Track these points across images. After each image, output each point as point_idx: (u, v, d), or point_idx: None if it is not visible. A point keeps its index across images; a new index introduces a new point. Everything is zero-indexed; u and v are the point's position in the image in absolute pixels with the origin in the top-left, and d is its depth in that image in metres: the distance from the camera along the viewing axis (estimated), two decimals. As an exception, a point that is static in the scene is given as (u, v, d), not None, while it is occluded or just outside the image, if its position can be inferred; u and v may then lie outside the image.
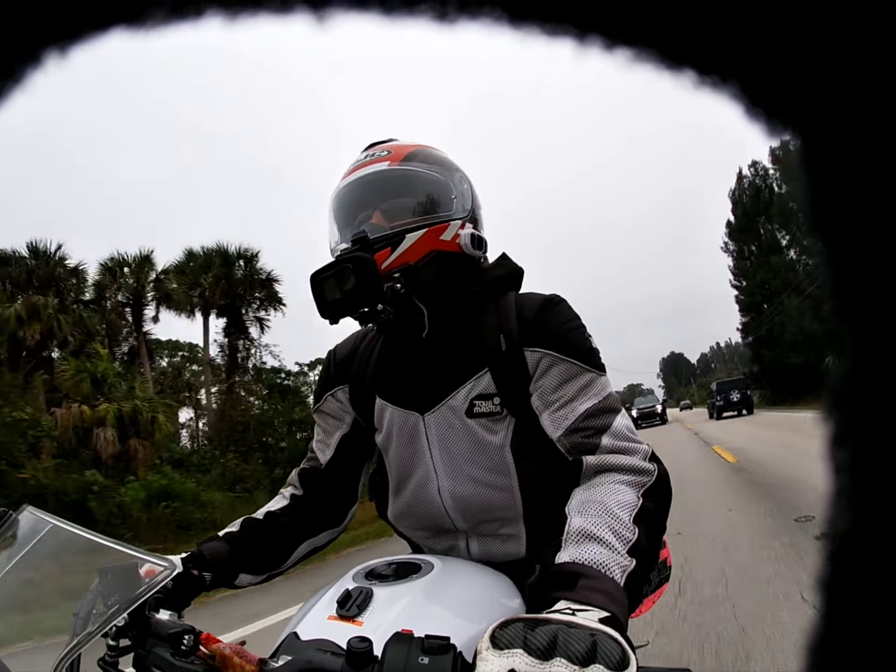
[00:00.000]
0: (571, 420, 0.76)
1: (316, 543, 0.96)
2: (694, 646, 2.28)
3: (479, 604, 0.73)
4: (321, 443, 0.98)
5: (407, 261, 0.80)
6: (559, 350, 0.79)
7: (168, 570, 0.64)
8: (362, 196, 0.87)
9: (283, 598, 3.45)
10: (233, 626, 3.41)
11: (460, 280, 0.87)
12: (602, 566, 0.58)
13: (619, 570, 0.58)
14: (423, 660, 0.48)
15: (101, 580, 0.64)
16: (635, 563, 0.60)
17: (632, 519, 0.64)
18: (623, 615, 0.54)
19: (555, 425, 0.77)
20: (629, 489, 0.69)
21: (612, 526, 0.63)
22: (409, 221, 0.83)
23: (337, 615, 0.65)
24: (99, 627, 0.59)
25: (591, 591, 0.54)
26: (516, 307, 0.83)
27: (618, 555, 0.60)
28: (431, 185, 0.87)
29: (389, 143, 0.92)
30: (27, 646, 0.72)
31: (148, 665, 0.60)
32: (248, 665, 0.55)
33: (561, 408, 0.78)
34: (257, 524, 0.90)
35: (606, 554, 0.59)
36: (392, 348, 0.91)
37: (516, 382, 0.81)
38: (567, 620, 0.47)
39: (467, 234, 0.85)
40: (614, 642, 0.45)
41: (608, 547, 0.60)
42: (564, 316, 0.82)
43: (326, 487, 0.95)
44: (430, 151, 0.91)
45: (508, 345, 0.81)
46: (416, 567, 0.74)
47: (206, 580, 0.82)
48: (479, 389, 0.82)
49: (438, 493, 0.85)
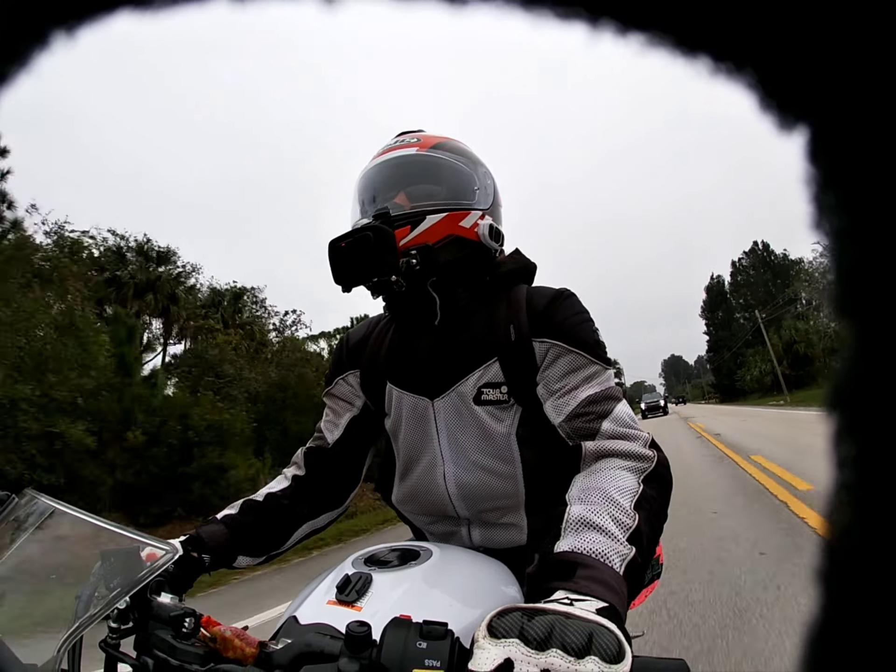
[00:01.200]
0: (573, 406, 0.77)
1: (315, 525, 0.97)
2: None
3: (477, 591, 0.73)
4: (330, 423, 0.99)
5: (425, 241, 0.83)
6: (566, 341, 0.80)
7: (170, 553, 0.64)
8: (389, 177, 0.90)
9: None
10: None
11: (475, 268, 0.89)
12: (601, 555, 0.58)
13: (618, 559, 0.58)
14: (420, 644, 0.49)
15: (103, 563, 0.64)
16: (635, 551, 0.60)
17: (632, 505, 0.65)
18: (621, 605, 0.54)
19: (557, 411, 0.78)
20: (630, 475, 0.69)
21: (612, 513, 0.63)
22: (431, 204, 0.86)
23: (336, 600, 0.65)
24: (101, 610, 0.60)
25: (589, 580, 0.55)
26: (527, 299, 0.85)
27: (617, 543, 0.60)
28: (456, 173, 0.90)
29: (419, 132, 0.95)
30: (30, 629, 0.73)
31: (149, 647, 0.60)
32: (249, 647, 0.56)
33: (564, 395, 0.79)
34: (257, 506, 0.91)
35: (606, 543, 0.59)
36: (404, 335, 0.93)
37: (524, 372, 0.82)
38: (564, 611, 0.47)
39: (486, 225, 0.88)
40: (611, 634, 0.45)
41: (608, 535, 0.60)
42: (573, 309, 0.84)
43: (331, 467, 0.96)
44: (458, 144, 0.94)
45: (518, 335, 0.83)
46: (416, 554, 0.75)
47: (206, 562, 0.83)
48: (488, 378, 0.84)
49: (444, 479, 0.87)
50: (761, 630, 2.33)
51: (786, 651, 2.07)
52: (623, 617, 0.53)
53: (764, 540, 3.55)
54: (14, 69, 0.16)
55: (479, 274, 0.90)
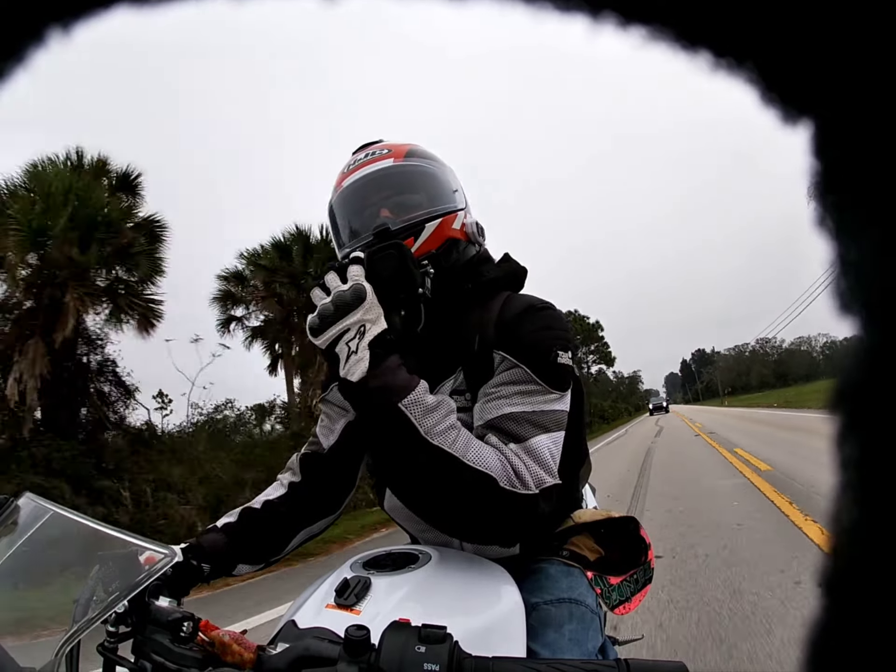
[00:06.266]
0: (492, 416, 0.74)
1: (313, 531, 0.97)
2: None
3: (476, 594, 0.73)
4: (325, 428, 0.98)
5: (429, 249, 0.84)
6: (516, 355, 0.77)
7: (168, 557, 0.64)
8: (370, 193, 0.88)
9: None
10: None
11: (463, 270, 0.88)
12: (416, 394, 0.69)
13: (415, 403, 0.69)
14: (419, 648, 0.48)
15: (102, 567, 0.64)
16: (422, 433, 0.68)
17: (464, 456, 0.68)
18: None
19: (478, 415, 0.77)
20: (496, 462, 0.68)
21: (454, 427, 0.71)
22: (423, 213, 0.86)
23: (335, 604, 0.65)
24: (99, 614, 0.60)
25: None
26: (501, 309, 0.83)
27: (431, 415, 0.70)
28: (436, 178, 0.90)
29: (382, 143, 0.93)
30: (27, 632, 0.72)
31: (147, 651, 0.60)
32: (247, 652, 0.55)
33: (490, 401, 0.76)
34: (256, 515, 0.91)
35: (432, 406, 0.70)
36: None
37: (482, 382, 0.80)
38: None
39: (472, 223, 0.90)
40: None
41: (436, 411, 0.70)
42: (539, 324, 0.79)
43: (326, 473, 0.96)
44: (424, 148, 0.94)
45: (480, 345, 0.81)
46: (414, 557, 0.74)
47: (205, 571, 0.82)
48: (456, 385, 0.83)
49: None
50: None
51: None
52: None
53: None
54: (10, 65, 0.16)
55: (463, 280, 0.88)
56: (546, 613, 0.79)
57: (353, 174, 0.88)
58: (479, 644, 0.56)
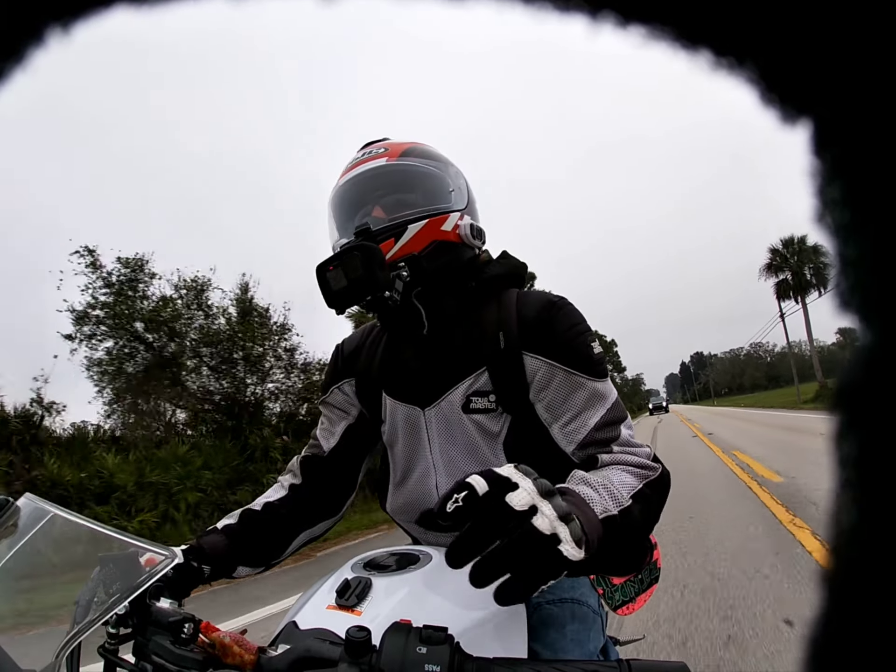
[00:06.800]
0: (583, 434, 0.76)
1: (313, 534, 0.97)
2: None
3: (477, 595, 0.73)
4: (326, 431, 0.98)
5: (411, 250, 0.82)
6: (560, 360, 0.78)
7: (169, 559, 0.64)
8: (363, 192, 0.88)
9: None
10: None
11: (461, 271, 0.88)
12: (588, 498, 0.59)
13: (600, 508, 0.59)
14: (420, 649, 0.48)
15: (102, 568, 0.64)
16: (619, 517, 0.60)
17: (629, 494, 0.65)
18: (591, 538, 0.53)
19: (567, 439, 0.78)
20: (633, 477, 0.70)
21: (608, 488, 0.64)
22: (410, 213, 0.85)
23: (336, 605, 0.65)
24: (100, 615, 0.59)
25: (569, 504, 0.53)
26: (518, 306, 0.83)
27: (604, 500, 0.61)
28: (429, 178, 0.89)
29: (384, 141, 0.94)
30: (28, 634, 0.72)
31: (148, 653, 0.60)
32: (248, 654, 0.55)
33: (571, 421, 0.78)
34: (256, 516, 0.91)
35: (594, 495, 0.60)
36: (394, 345, 0.92)
37: (512, 382, 0.81)
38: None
39: (466, 225, 0.87)
40: (577, 525, 0.49)
41: (599, 494, 0.61)
42: (567, 322, 0.80)
43: (327, 476, 0.96)
44: (425, 148, 0.93)
45: (507, 344, 0.81)
46: (415, 558, 0.74)
47: (206, 573, 0.82)
48: (477, 386, 0.82)
49: (437, 489, 0.86)
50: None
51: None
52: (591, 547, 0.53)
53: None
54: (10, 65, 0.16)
55: (466, 278, 0.88)
56: (548, 613, 0.79)
57: (351, 172, 0.89)
58: (481, 645, 0.56)
